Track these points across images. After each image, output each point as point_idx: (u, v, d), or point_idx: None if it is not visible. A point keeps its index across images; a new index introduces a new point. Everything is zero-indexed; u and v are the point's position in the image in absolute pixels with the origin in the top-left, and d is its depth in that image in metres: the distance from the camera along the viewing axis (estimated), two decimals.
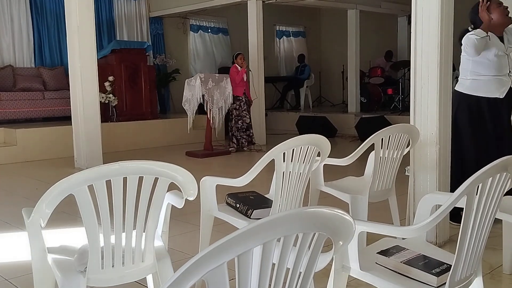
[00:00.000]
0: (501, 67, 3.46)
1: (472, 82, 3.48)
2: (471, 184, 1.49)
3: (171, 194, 2.02)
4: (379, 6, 10.86)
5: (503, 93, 3.48)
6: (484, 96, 3.48)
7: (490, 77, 3.46)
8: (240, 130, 7.76)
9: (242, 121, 7.75)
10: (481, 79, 3.48)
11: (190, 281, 0.88)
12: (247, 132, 7.82)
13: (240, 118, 7.72)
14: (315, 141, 2.41)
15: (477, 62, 3.45)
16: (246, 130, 7.81)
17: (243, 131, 7.78)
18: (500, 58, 3.45)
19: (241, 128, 7.76)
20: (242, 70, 7.62)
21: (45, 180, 5.54)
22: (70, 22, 6.33)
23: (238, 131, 7.76)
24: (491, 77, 3.46)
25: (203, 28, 11.71)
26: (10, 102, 8.02)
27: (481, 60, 3.44)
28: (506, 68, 3.48)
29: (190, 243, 3.29)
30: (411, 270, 1.71)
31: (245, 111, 7.78)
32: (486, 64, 3.45)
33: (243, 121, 7.76)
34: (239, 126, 7.75)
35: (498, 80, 3.47)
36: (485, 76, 3.47)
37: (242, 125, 7.77)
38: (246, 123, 7.80)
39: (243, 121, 7.76)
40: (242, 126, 7.77)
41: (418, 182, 3.25)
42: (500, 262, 2.77)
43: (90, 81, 6.35)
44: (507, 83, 3.49)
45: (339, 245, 1.11)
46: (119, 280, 1.86)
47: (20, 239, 3.47)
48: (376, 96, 10.68)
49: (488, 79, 3.47)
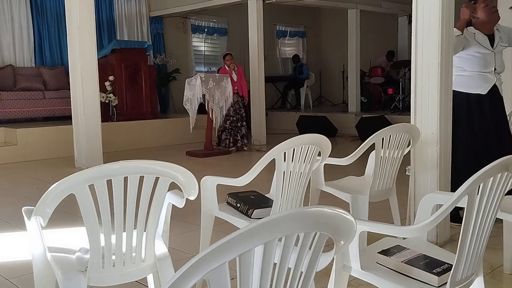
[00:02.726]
0: (485, 63, 3.47)
1: (456, 77, 3.47)
2: (472, 184, 1.49)
3: (172, 193, 2.02)
4: (379, 6, 10.86)
5: (485, 90, 3.49)
6: (466, 92, 3.49)
7: (473, 73, 3.48)
8: (226, 130, 7.71)
9: (230, 121, 7.70)
10: (465, 75, 3.49)
11: (191, 281, 0.87)
12: (232, 133, 7.71)
13: (228, 118, 7.66)
14: (315, 140, 2.41)
15: (461, 58, 3.47)
16: (232, 130, 7.71)
17: (229, 131, 7.71)
18: (485, 56, 3.46)
19: (228, 128, 7.70)
20: (229, 71, 7.62)
21: (46, 180, 5.54)
22: (70, 22, 6.33)
23: (224, 130, 7.71)
24: (474, 73, 3.48)
25: (203, 28, 11.71)
26: (10, 101, 8.03)
27: (465, 56, 3.47)
28: (491, 65, 3.49)
29: (190, 243, 3.29)
30: (412, 269, 1.71)
31: (234, 111, 7.67)
32: (470, 60, 3.48)
33: (231, 121, 7.70)
34: (226, 126, 7.70)
35: (482, 77, 3.48)
36: (469, 72, 3.48)
37: (230, 125, 7.70)
38: (233, 124, 7.71)
39: (231, 121, 7.70)
40: (230, 126, 7.70)
41: (418, 181, 3.25)
42: (501, 262, 2.77)
43: (91, 81, 6.35)
44: (491, 80, 3.50)
45: (341, 244, 1.11)
46: (119, 280, 1.86)
47: (20, 239, 3.47)
48: (376, 96, 10.68)
49: (472, 75, 3.48)
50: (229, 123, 7.69)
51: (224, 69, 7.77)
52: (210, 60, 11.97)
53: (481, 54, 3.45)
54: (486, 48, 3.47)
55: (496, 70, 3.51)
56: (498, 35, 3.53)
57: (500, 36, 3.53)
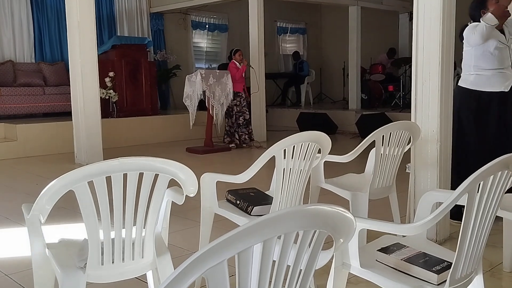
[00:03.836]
0: (502, 59, 3.46)
1: (476, 77, 3.48)
2: (473, 182, 1.49)
3: (171, 190, 2.02)
4: (380, 3, 10.85)
5: (507, 87, 3.48)
6: (488, 90, 3.48)
7: (493, 71, 3.47)
8: (241, 126, 7.79)
9: (243, 117, 7.78)
10: (485, 74, 3.48)
11: (191, 278, 0.87)
12: (247, 128, 7.85)
13: (241, 114, 7.75)
14: (315, 138, 2.41)
15: (479, 56, 3.45)
16: (247, 126, 7.85)
17: (244, 127, 7.81)
18: (501, 51, 3.45)
19: (242, 124, 7.79)
20: (242, 66, 7.63)
21: (45, 176, 5.54)
22: (70, 18, 6.31)
23: (240, 127, 7.78)
24: (494, 71, 3.47)
25: (203, 24, 11.69)
26: (10, 97, 8.02)
27: (483, 54, 3.45)
28: (507, 60, 3.49)
29: (190, 240, 3.29)
30: (412, 267, 1.71)
31: (245, 107, 7.82)
32: (488, 58, 3.45)
33: (244, 117, 7.78)
34: (240, 123, 7.77)
35: (501, 74, 3.47)
36: (488, 70, 3.47)
37: (243, 121, 7.79)
38: (246, 119, 7.82)
39: (244, 117, 7.78)
40: (243, 122, 7.79)
41: (418, 179, 3.25)
42: (501, 260, 2.77)
43: (91, 77, 6.34)
44: (510, 76, 3.49)
45: (340, 242, 1.11)
46: (119, 276, 1.86)
47: (20, 235, 3.47)
48: (377, 93, 10.67)
49: (491, 73, 3.47)
50: (242, 120, 7.74)
51: (233, 64, 7.72)
52: (211, 57, 11.95)
53: (498, 50, 3.43)
54: (502, 43, 3.46)
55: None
56: (507, 30, 3.53)
57: (509, 31, 3.53)
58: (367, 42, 11.18)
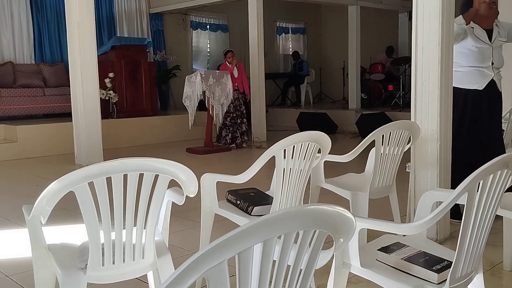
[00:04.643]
0: (483, 58, 3.46)
1: (454, 74, 3.47)
2: (472, 181, 1.49)
3: (172, 191, 2.02)
4: (379, 2, 10.85)
5: (482, 85, 3.48)
6: (464, 87, 3.48)
7: (470, 68, 3.47)
8: (226, 127, 7.72)
9: (230, 117, 7.71)
10: (461, 70, 3.49)
11: (191, 279, 0.87)
12: (231, 129, 7.73)
13: (229, 114, 7.67)
14: (315, 137, 2.41)
15: (458, 53, 3.45)
16: (231, 127, 7.73)
17: (229, 127, 7.72)
18: (482, 50, 3.45)
19: (229, 124, 7.71)
20: (230, 67, 7.63)
21: (46, 177, 5.54)
22: (70, 19, 6.31)
23: (225, 127, 7.72)
24: (471, 68, 3.47)
25: (203, 24, 11.69)
26: (10, 98, 8.02)
27: (462, 51, 3.46)
28: (488, 59, 3.48)
29: (190, 240, 3.29)
30: (412, 267, 1.71)
31: (234, 108, 7.69)
32: (466, 55, 3.47)
33: (231, 118, 7.70)
34: (227, 123, 7.72)
35: (479, 72, 3.47)
36: (465, 67, 3.49)
37: (230, 121, 7.71)
38: (233, 120, 7.72)
39: (231, 117, 7.70)
40: (230, 122, 7.71)
41: (418, 178, 3.25)
42: (501, 259, 2.77)
43: (90, 78, 6.34)
44: (488, 75, 3.49)
45: (340, 242, 1.11)
46: (119, 277, 1.86)
47: (20, 236, 3.47)
48: (376, 93, 10.67)
49: (468, 70, 3.48)
50: (229, 120, 7.70)
51: (225, 65, 7.77)
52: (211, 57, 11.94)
53: (477, 48, 3.44)
54: (484, 42, 3.46)
55: (494, 64, 3.50)
56: (497, 30, 3.53)
57: (499, 31, 3.53)
58: (367, 42, 11.18)
